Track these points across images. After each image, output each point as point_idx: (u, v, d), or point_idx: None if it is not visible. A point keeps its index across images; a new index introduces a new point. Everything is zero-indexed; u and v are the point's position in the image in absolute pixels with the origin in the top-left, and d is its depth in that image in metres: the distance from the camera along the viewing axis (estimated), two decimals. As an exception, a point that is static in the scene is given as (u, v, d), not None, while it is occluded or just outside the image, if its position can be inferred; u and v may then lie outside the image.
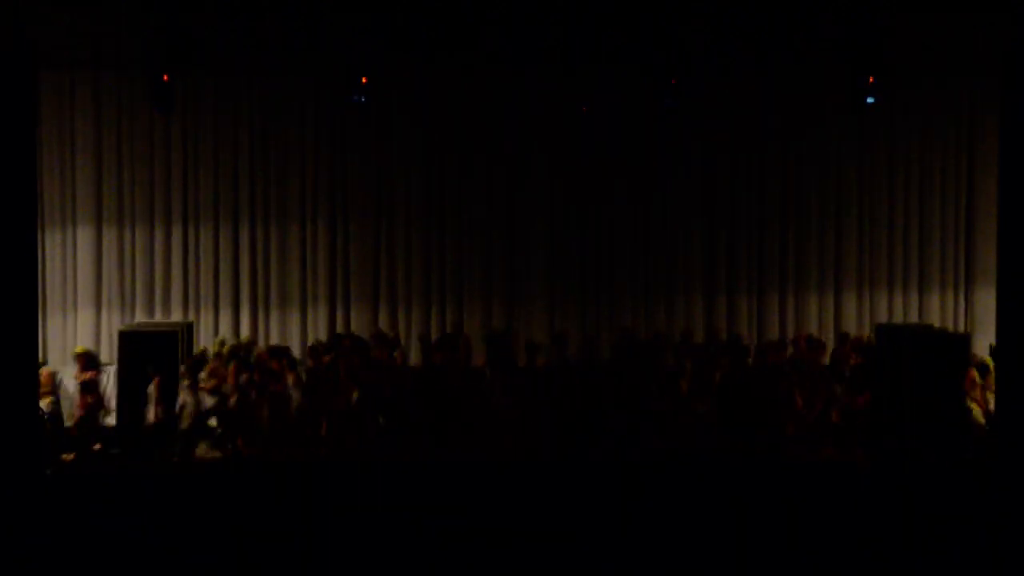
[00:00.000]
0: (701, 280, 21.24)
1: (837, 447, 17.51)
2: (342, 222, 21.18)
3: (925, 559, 15.28)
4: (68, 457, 17.61)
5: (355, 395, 17.69)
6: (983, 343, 19.87)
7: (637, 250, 21.20)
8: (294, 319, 21.09)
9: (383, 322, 21.13)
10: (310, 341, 20.88)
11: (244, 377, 17.72)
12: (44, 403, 17.31)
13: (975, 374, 18.12)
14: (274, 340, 20.93)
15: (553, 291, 21.16)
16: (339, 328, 21.11)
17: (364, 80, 18.56)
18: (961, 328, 20.71)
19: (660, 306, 21.22)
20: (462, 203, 21.22)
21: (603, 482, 16.39)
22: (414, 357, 20.46)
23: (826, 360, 19.16)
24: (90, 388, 18.43)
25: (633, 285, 21.19)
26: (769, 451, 17.32)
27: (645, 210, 21.22)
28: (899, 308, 21.12)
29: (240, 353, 18.56)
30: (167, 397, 17.39)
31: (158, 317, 20.74)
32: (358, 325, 21.06)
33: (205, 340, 20.69)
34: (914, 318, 20.93)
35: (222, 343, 19.52)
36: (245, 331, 21.01)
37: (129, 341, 17.90)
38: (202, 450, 17.31)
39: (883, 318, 20.91)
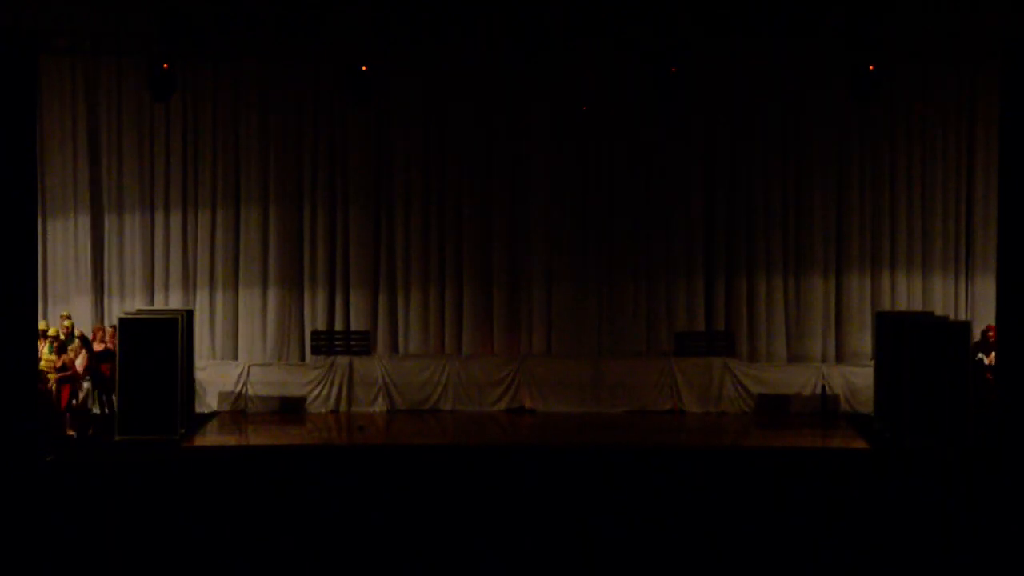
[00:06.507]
0: (702, 263, 21.19)
1: None
2: (342, 206, 21.16)
3: (927, 547, 15.30)
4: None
5: None
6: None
7: (637, 233, 21.16)
8: (294, 303, 21.07)
9: (382, 305, 21.12)
10: (309, 326, 20.94)
11: None
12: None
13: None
14: (274, 324, 20.99)
15: (552, 275, 21.12)
16: (339, 311, 21.14)
17: (364, 68, 18.50)
18: (963, 314, 20.67)
19: (660, 289, 21.18)
20: (462, 189, 21.18)
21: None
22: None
23: None
24: (107, 358, 18.63)
25: (634, 268, 21.16)
26: None
27: (646, 192, 21.17)
28: (903, 293, 21.08)
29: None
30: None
31: (158, 302, 20.72)
32: (358, 308, 21.06)
33: (202, 326, 20.74)
34: (917, 303, 20.90)
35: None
36: (244, 315, 21.01)
37: (130, 328, 17.90)
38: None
39: (886, 302, 20.89)
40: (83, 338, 18.89)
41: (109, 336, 19.09)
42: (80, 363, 18.36)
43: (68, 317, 19.39)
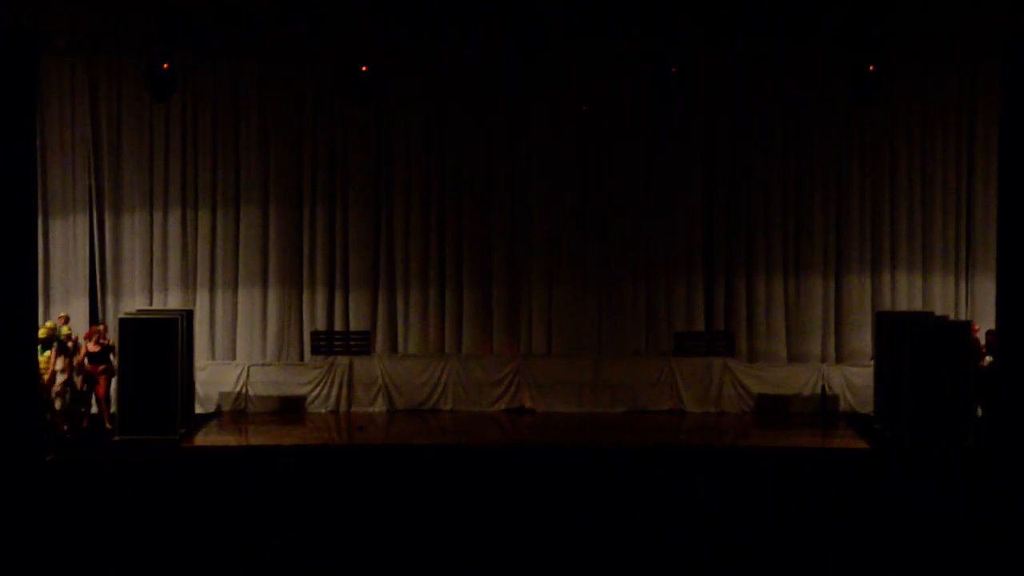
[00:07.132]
0: (702, 263, 21.19)
1: None
2: (342, 206, 21.16)
3: (927, 548, 15.30)
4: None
5: None
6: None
7: (637, 233, 21.17)
8: (294, 303, 21.07)
9: (382, 305, 21.11)
10: (308, 326, 20.94)
11: None
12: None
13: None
14: (274, 324, 20.99)
15: (552, 275, 21.12)
16: (338, 311, 21.14)
17: (364, 68, 18.50)
18: (963, 314, 20.66)
19: (660, 289, 21.17)
20: (462, 189, 21.18)
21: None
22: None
23: None
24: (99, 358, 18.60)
25: (634, 268, 21.15)
26: None
27: (646, 193, 21.18)
28: (903, 293, 21.07)
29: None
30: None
31: (157, 303, 20.71)
32: (357, 308, 21.07)
33: (202, 326, 20.71)
34: (917, 303, 20.89)
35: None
36: (243, 315, 21.00)
37: (130, 328, 17.89)
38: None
39: (886, 302, 20.87)
40: (61, 342, 18.72)
41: (102, 335, 19.06)
42: (60, 365, 18.28)
43: (66, 321, 19.26)
